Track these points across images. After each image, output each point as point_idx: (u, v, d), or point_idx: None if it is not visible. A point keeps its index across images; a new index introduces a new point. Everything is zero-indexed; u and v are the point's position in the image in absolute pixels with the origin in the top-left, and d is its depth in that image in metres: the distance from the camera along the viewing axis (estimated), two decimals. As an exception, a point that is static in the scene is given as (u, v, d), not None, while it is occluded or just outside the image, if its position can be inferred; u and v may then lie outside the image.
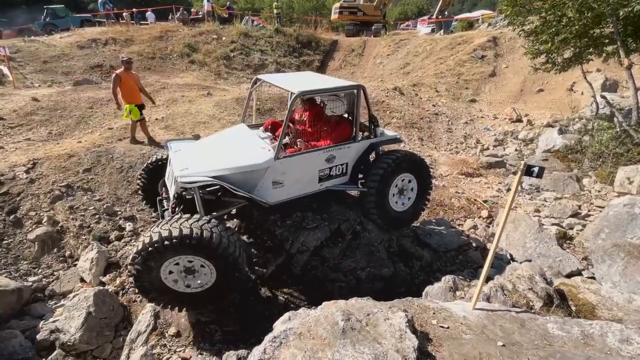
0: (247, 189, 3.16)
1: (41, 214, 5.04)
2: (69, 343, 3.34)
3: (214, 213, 3.10)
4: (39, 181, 5.46)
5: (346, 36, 20.56)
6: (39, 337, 3.52)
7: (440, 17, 20.26)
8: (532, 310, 2.50)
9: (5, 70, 11.32)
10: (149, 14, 19.01)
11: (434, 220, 4.77)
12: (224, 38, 16.20)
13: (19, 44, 13.48)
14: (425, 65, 14.61)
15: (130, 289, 4.14)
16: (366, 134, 3.95)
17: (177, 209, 3.11)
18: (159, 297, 2.81)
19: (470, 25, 19.36)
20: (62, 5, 20.25)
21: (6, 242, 4.67)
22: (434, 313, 2.23)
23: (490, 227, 4.86)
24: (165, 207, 3.51)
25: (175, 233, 2.54)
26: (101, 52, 14.04)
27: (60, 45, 13.96)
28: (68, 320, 3.43)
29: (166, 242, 2.54)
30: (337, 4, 20.89)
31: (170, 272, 2.73)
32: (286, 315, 1.94)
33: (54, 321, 3.62)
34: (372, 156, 3.87)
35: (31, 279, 4.38)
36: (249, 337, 3.02)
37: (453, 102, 11.34)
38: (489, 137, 8.94)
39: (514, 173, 6.64)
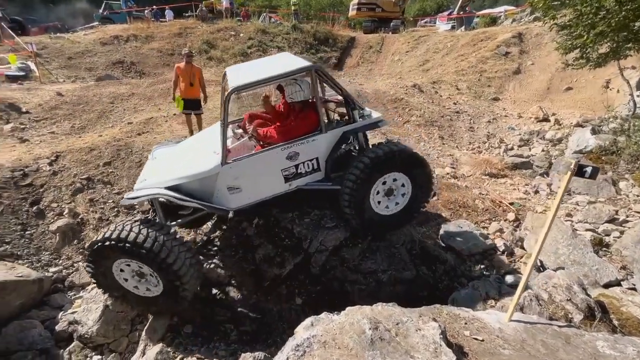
0: (207, 196, 3.05)
1: (62, 206, 5.12)
2: (86, 335, 3.34)
3: (179, 220, 3.20)
4: (62, 174, 5.56)
5: (364, 33, 20.25)
6: (57, 328, 3.55)
7: (461, 13, 19.66)
8: (573, 324, 2.30)
9: (33, 66, 11.69)
10: (168, 12, 19.28)
11: (457, 223, 4.54)
12: (241, 35, 16.23)
13: (46, 41, 13.90)
14: (445, 62, 14.19)
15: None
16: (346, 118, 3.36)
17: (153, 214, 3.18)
18: (109, 290, 2.97)
19: (493, 21, 18.70)
20: (119, 2, 20.76)
21: (29, 232, 4.76)
22: (465, 323, 2.07)
23: (517, 230, 4.60)
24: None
25: (114, 235, 2.60)
26: (122, 49, 14.31)
27: (84, 42, 14.32)
28: (86, 312, 3.43)
29: (106, 243, 2.62)
30: (355, 0, 20.60)
31: (122, 271, 2.85)
32: (308, 320, 1.82)
33: (72, 312, 3.65)
34: (356, 146, 3.41)
35: (52, 269, 4.44)
36: (265, 337, 2.93)
37: (475, 100, 10.94)
38: (514, 136, 8.55)
39: (543, 174, 6.31)
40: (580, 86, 10.40)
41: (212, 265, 3.29)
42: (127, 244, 2.57)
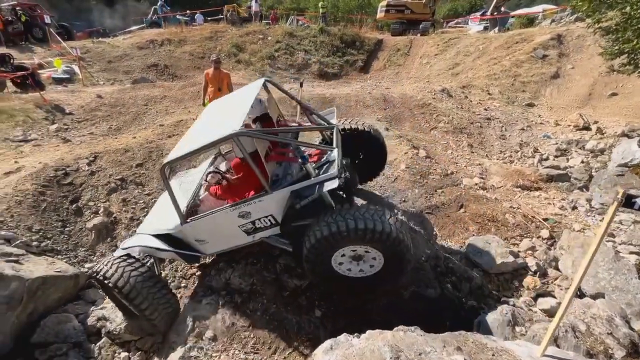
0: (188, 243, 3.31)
1: (98, 205, 5.41)
2: (114, 332, 3.50)
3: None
4: (98, 174, 5.89)
5: (392, 35, 19.94)
6: (88, 322, 3.75)
7: (495, 13, 18.86)
8: (615, 362, 2.12)
9: (77, 69, 12.51)
10: (198, 16, 20.04)
11: (485, 238, 4.35)
12: (269, 38, 16.50)
13: (89, 45, 14.83)
14: (476, 65, 13.67)
15: (172, 284, 4.29)
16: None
17: None
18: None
19: (530, 21, 17.80)
20: (169, 8, 21.81)
21: (68, 229, 5.08)
22: (493, 355, 1.96)
23: (551, 249, 4.32)
24: None
25: (101, 272, 3.04)
26: (157, 52, 14.99)
27: (122, 46, 15.14)
28: (114, 310, 3.60)
29: (95, 276, 3.14)
30: (384, 2, 20.31)
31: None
32: (327, 343, 1.79)
33: (101, 308, 3.83)
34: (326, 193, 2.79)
35: (87, 265, 4.70)
36: (283, 348, 2.94)
37: (507, 106, 10.45)
38: (549, 145, 8.07)
39: (582, 188, 5.90)
40: (626, 92, 9.66)
41: (235, 273, 3.35)
42: (108, 282, 2.97)
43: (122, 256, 3.20)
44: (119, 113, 8.98)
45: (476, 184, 6.10)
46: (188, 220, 3.15)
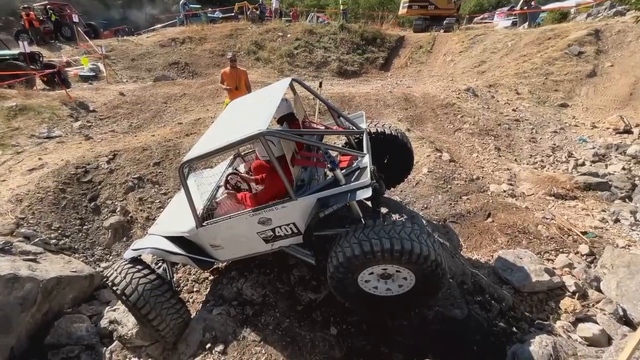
0: (201, 248, 3.20)
1: (115, 203, 5.43)
2: (125, 336, 3.44)
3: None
4: (117, 172, 5.92)
5: (414, 32, 19.33)
6: (101, 324, 3.71)
7: (525, 8, 17.90)
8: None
9: (102, 67, 12.82)
10: (217, 13, 20.33)
11: (516, 252, 4.01)
12: (288, 35, 16.35)
13: (114, 44, 15.18)
14: (504, 63, 12.99)
15: (185, 288, 4.21)
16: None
17: None
18: None
19: (563, 16, 16.77)
20: (199, 6, 22.15)
21: (86, 227, 5.11)
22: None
23: (592, 267, 3.93)
24: None
25: (110, 278, 3.01)
26: (179, 50, 15.16)
27: (145, 44, 15.40)
28: (126, 313, 3.53)
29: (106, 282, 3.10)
30: (407, -2, 19.72)
31: None
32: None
33: (114, 310, 3.78)
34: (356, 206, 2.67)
35: (103, 264, 4.71)
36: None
37: (538, 106, 9.84)
38: (586, 150, 7.50)
39: (624, 199, 5.40)
40: (674, 92, 8.88)
41: (248, 283, 3.20)
42: (116, 290, 2.94)
43: (132, 261, 3.12)
44: (139, 110, 9.08)
45: (504, 191, 5.72)
46: (204, 224, 3.00)
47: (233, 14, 19.64)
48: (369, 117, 5.97)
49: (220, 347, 2.85)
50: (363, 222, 2.58)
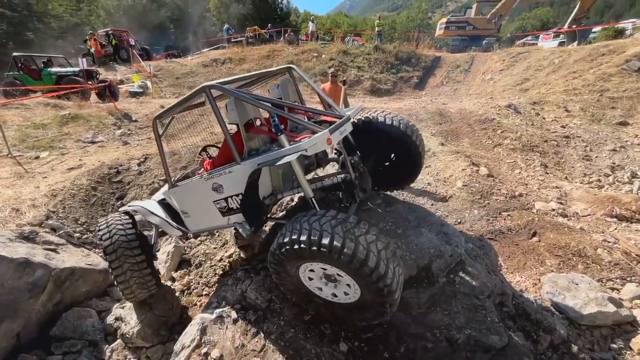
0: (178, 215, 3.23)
1: (140, 203, 5.52)
2: (127, 335, 3.29)
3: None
4: (145, 174, 6.08)
5: (451, 52, 19.03)
6: (107, 320, 3.60)
7: (574, 26, 16.94)
8: None
9: (149, 84, 13.88)
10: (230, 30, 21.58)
11: (570, 276, 3.37)
12: (323, 56, 16.76)
13: (162, 65, 16.50)
14: (550, 80, 12.14)
15: (195, 291, 4.03)
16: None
17: None
18: None
19: (618, 33, 15.59)
20: (234, 31, 23.79)
21: (110, 224, 5.20)
22: None
23: (670, 302, 3.18)
24: None
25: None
26: (219, 70, 16.09)
27: (189, 65, 16.56)
28: (131, 311, 3.40)
29: None
30: (444, 19, 19.69)
31: None
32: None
33: (122, 307, 3.67)
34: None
35: (120, 261, 4.70)
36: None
37: (592, 124, 8.90)
38: (653, 170, 6.53)
39: None
40: None
41: (253, 285, 2.94)
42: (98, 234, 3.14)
43: (123, 214, 3.27)
44: (176, 121, 9.47)
45: (553, 210, 5.02)
46: (175, 185, 3.11)
47: (242, 39, 20.34)
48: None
49: (216, 354, 2.57)
50: (317, 209, 2.30)
